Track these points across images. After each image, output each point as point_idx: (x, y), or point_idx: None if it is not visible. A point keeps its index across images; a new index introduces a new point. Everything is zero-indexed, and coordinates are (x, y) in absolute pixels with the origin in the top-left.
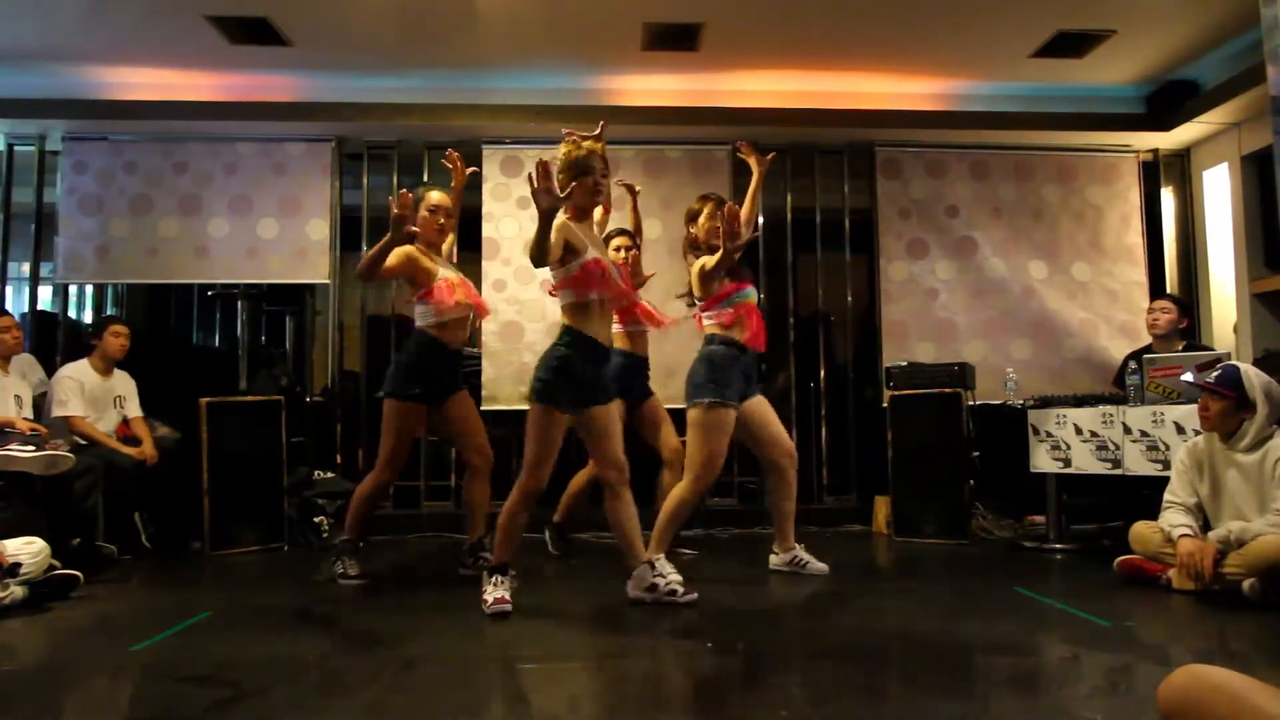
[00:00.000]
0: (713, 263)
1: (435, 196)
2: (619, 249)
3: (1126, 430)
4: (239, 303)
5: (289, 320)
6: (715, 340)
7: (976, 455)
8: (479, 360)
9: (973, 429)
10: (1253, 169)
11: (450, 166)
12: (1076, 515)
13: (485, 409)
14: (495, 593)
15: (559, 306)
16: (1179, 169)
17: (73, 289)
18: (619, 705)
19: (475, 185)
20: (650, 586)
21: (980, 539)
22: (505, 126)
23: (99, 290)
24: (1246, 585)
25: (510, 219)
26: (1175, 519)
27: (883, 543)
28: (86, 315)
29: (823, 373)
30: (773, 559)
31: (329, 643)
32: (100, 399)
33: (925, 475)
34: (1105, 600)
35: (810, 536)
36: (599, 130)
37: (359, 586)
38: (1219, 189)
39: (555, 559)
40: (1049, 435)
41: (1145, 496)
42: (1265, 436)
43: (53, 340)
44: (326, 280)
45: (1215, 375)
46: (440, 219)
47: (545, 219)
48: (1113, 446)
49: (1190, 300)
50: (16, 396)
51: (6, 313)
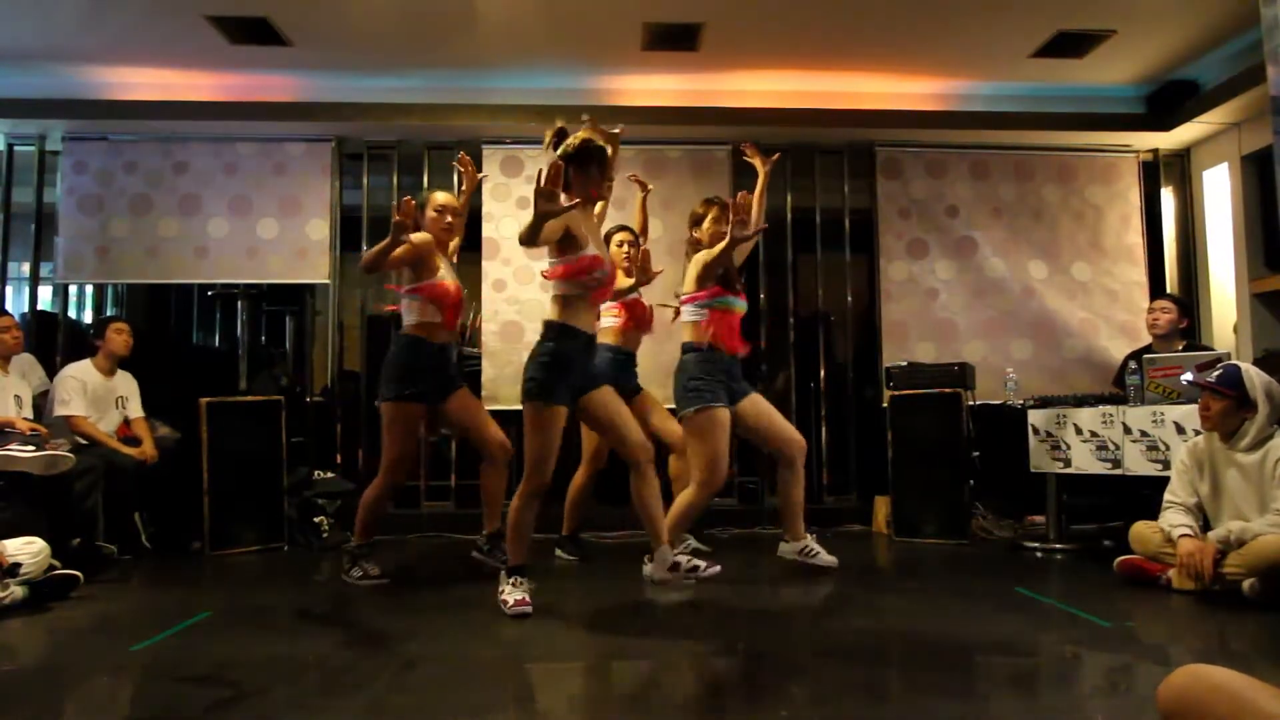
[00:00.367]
0: (717, 251)
1: (442, 197)
2: (621, 244)
3: (1126, 430)
4: (239, 303)
5: (289, 320)
6: (688, 348)
7: (976, 455)
8: (479, 360)
9: (973, 429)
10: (1253, 169)
11: (462, 170)
12: (1076, 515)
13: (486, 409)
14: (516, 594)
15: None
16: (1179, 169)
17: (73, 289)
18: (619, 705)
19: (475, 185)
20: (673, 566)
21: (980, 539)
22: (505, 126)
23: (99, 290)
24: (1246, 585)
25: (510, 219)
26: (1175, 519)
27: (883, 543)
28: (86, 315)
29: (823, 373)
30: (783, 547)
31: (329, 643)
32: (103, 399)
33: (925, 475)
34: (1105, 600)
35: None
36: (617, 130)
37: (375, 586)
38: (1219, 189)
39: (558, 559)
40: (1049, 435)
41: (1145, 496)
42: (1266, 436)
43: (53, 340)
44: (326, 280)
45: (1216, 375)
46: (447, 218)
47: (539, 219)
48: (1113, 446)
49: (1190, 300)
50: (16, 396)
51: (6, 313)
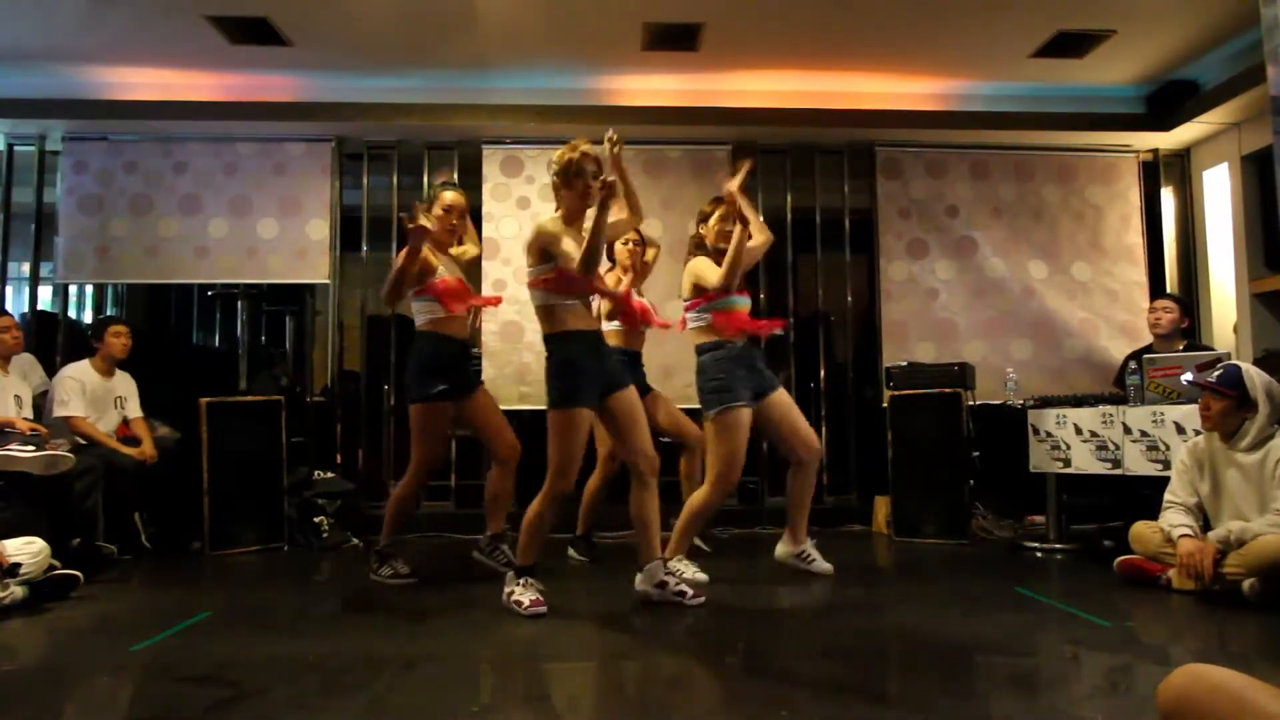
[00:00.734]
0: (712, 276)
1: (450, 197)
2: (626, 243)
3: (1126, 430)
4: (239, 303)
5: (289, 320)
6: (702, 349)
7: (976, 455)
8: (479, 360)
9: (973, 429)
10: (1253, 169)
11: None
12: (1076, 515)
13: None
14: (529, 594)
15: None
16: (1179, 169)
17: (73, 289)
18: (619, 705)
19: (475, 185)
20: (659, 584)
21: (980, 539)
22: (505, 126)
23: (99, 290)
24: (1246, 585)
25: (510, 219)
26: (1175, 519)
27: (883, 543)
28: (86, 315)
29: (823, 373)
30: (780, 549)
31: (329, 643)
32: (101, 399)
33: (925, 475)
34: (1105, 600)
35: (810, 537)
36: (612, 139)
37: (402, 585)
38: (1219, 189)
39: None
40: (1049, 435)
41: (1145, 496)
42: (1266, 436)
43: (53, 340)
44: (326, 280)
45: (1217, 374)
46: (453, 220)
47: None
48: (1113, 446)
49: (1190, 300)
50: (16, 396)
51: (6, 313)
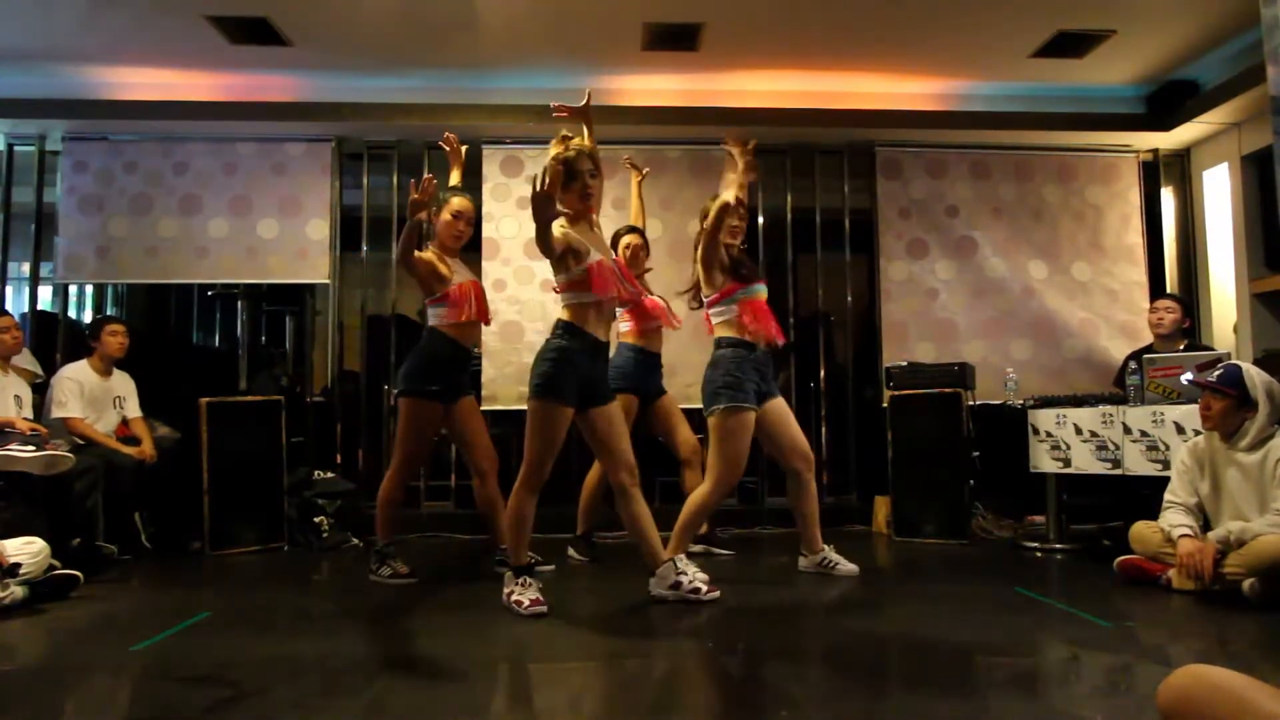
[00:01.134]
0: (704, 243)
1: (459, 203)
2: (628, 246)
3: (1126, 430)
4: (239, 303)
5: (289, 320)
6: (724, 343)
7: (976, 455)
8: (479, 360)
9: (973, 429)
10: (1253, 169)
11: (447, 149)
12: (1076, 515)
13: (485, 409)
14: (528, 594)
15: (561, 306)
16: (1179, 169)
17: (73, 289)
18: (619, 705)
19: (475, 185)
20: (674, 584)
21: (980, 539)
22: (505, 126)
23: (99, 290)
24: (1246, 585)
25: (510, 219)
26: (1175, 519)
27: (883, 543)
28: (86, 315)
29: (823, 373)
30: (801, 561)
31: (329, 643)
32: (100, 399)
33: (925, 475)
34: (1105, 600)
35: None
36: (585, 101)
37: (404, 586)
38: (1219, 189)
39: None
40: (1049, 435)
41: (1145, 496)
42: (1266, 436)
43: (53, 340)
44: (326, 280)
45: (1217, 374)
46: (461, 225)
47: (541, 227)
48: (1113, 446)
49: (1190, 300)
50: (16, 396)
51: (6, 313)
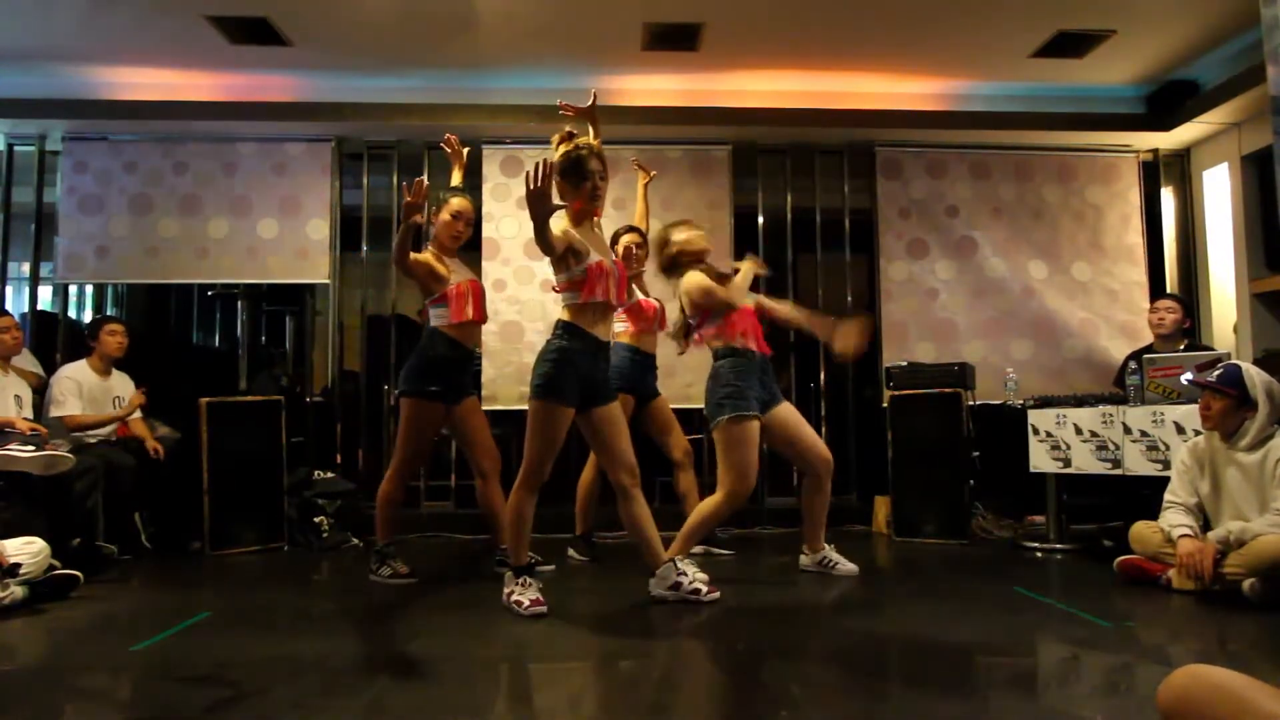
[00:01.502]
0: (723, 292)
1: (458, 203)
2: (626, 246)
3: (1126, 430)
4: (239, 303)
5: (289, 320)
6: (721, 354)
7: (976, 455)
8: (479, 360)
9: (973, 429)
10: (1253, 169)
11: (449, 150)
12: (1076, 515)
13: (485, 409)
14: (529, 594)
15: (560, 306)
16: (1179, 169)
17: (73, 289)
18: (619, 705)
19: (475, 185)
20: (674, 585)
21: (980, 539)
22: (505, 126)
23: (99, 290)
24: (1247, 585)
25: (510, 219)
26: (1175, 519)
27: (883, 543)
28: (86, 315)
29: (823, 373)
30: (803, 559)
31: (329, 643)
32: (99, 400)
33: (925, 475)
34: (1105, 600)
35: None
36: (591, 102)
37: (404, 586)
38: (1219, 189)
39: (570, 559)
40: (1049, 435)
41: (1145, 496)
42: (1266, 436)
43: (52, 340)
44: (326, 280)
45: (1217, 374)
46: (460, 226)
47: (538, 224)
48: (1113, 446)
49: (1191, 300)
50: (16, 396)
51: (6, 313)
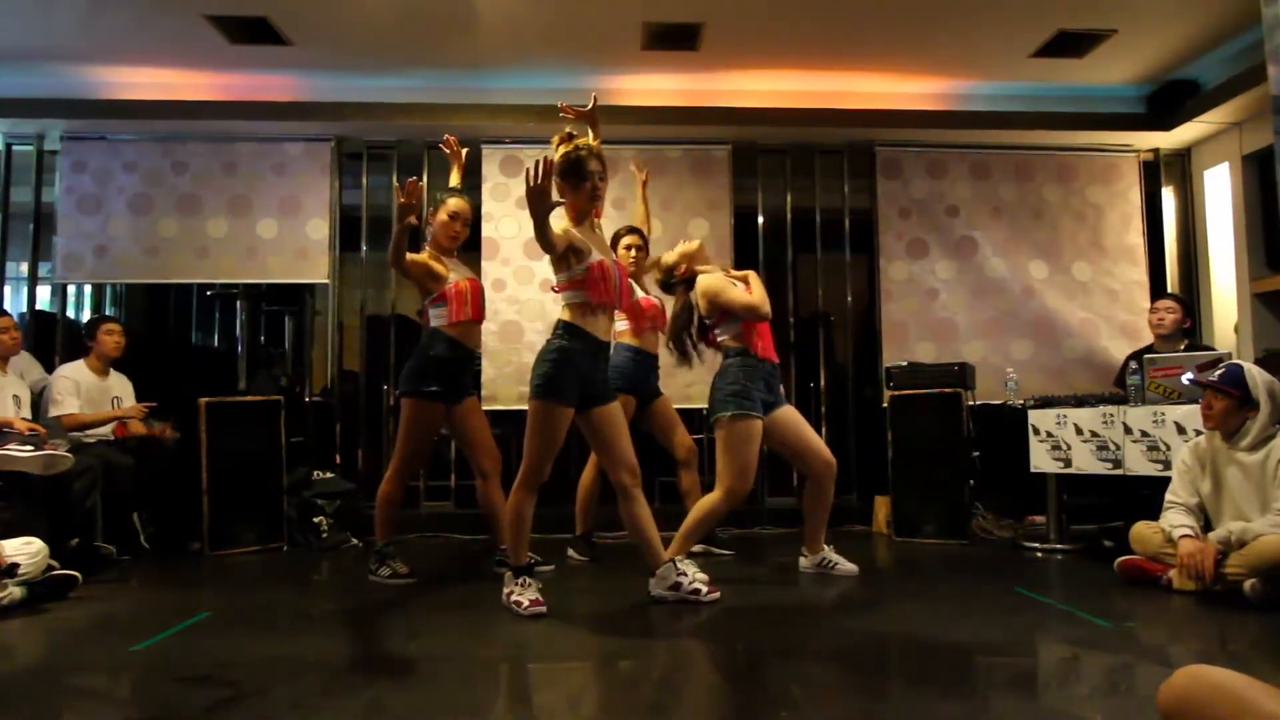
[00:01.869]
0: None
1: (456, 204)
2: (629, 248)
3: (1127, 430)
4: (238, 303)
5: (288, 320)
6: (731, 353)
7: (976, 455)
8: (479, 360)
9: (973, 429)
10: (1253, 169)
11: (448, 151)
12: (1076, 515)
13: (485, 409)
14: (528, 594)
15: (560, 306)
16: (1179, 169)
17: (71, 289)
18: (619, 705)
19: (475, 185)
20: (674, 585)
21: (980, 539)
22: (505, 126)
23: (98, 290)
24: (1247, 586)
25: (510, 219)
26: (1176, 519)
27: (883, 543)
28: (85, 315)
29: (823, 373)
30: (802, 561)
31: (329, 643)
32: (97, 400)
33: (925, 475)
34: (1105, 600)
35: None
36: (592, 105)
37: (403, 586)
38: (1220, 189)
39: (570, 560)
40: (1049, 435)
41: (1145, 496)
42: (1267, 436)
43: (51, 340)
44: (326, 280)
45: (1219, 373)
46: (457, 226)
47: (538, 222)
48: (1113, 446)
49: (1191, 300)
50: (15, 396)
51: (5, 313)
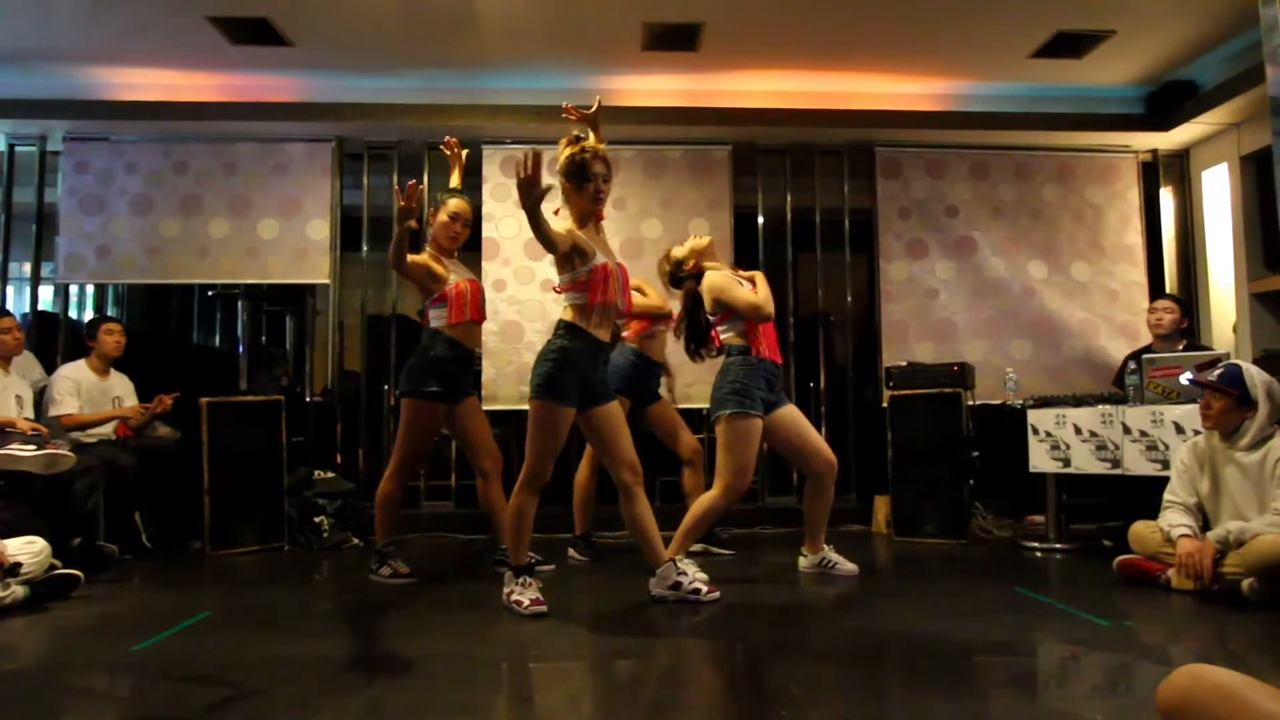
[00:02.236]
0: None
1: (456, 205)
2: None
3: (1126, 430)
4: (239, 303)
5: (289, 320)
6: (733, 351)
7: (976, 455)
8: (479, 360)
9: (972, 429)
10: (1252, 169)
11: (449, 153)
12: (1076, 515)
13: (485, 409)
14: (528, 594)
15: (561, 306)
16: (1178, 169)
17: (73, 289)
18: (619, 705)
19: (475, 185)
20: (674, 585)
21: (980, 539)
22: (505, 127)
23: (100, 290)
24: (1246, 585)
25: (510, 219)
26: (1175, 519)
27: (883, 543)
28: (87, 315)
29: (823, 373)
30: (802, 561)
31: (329, 643)
32: (98, 400)
33: (925, 475)
34: (1105, 600)
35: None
36: (595, 108)
37: (404, 586)
38: (1218, 189)
39: (570, 560)
40: (1049, 435)
41: (1145, 496)
42: (1266, 436)
43: (53, 341)
44: (327, 280)
45: (1218, 373)
46: (457, 227)
47: (531, 216)
48: (1112, 446)
49: (1190, 300)
50: (18, 396)
51: (8, 313)
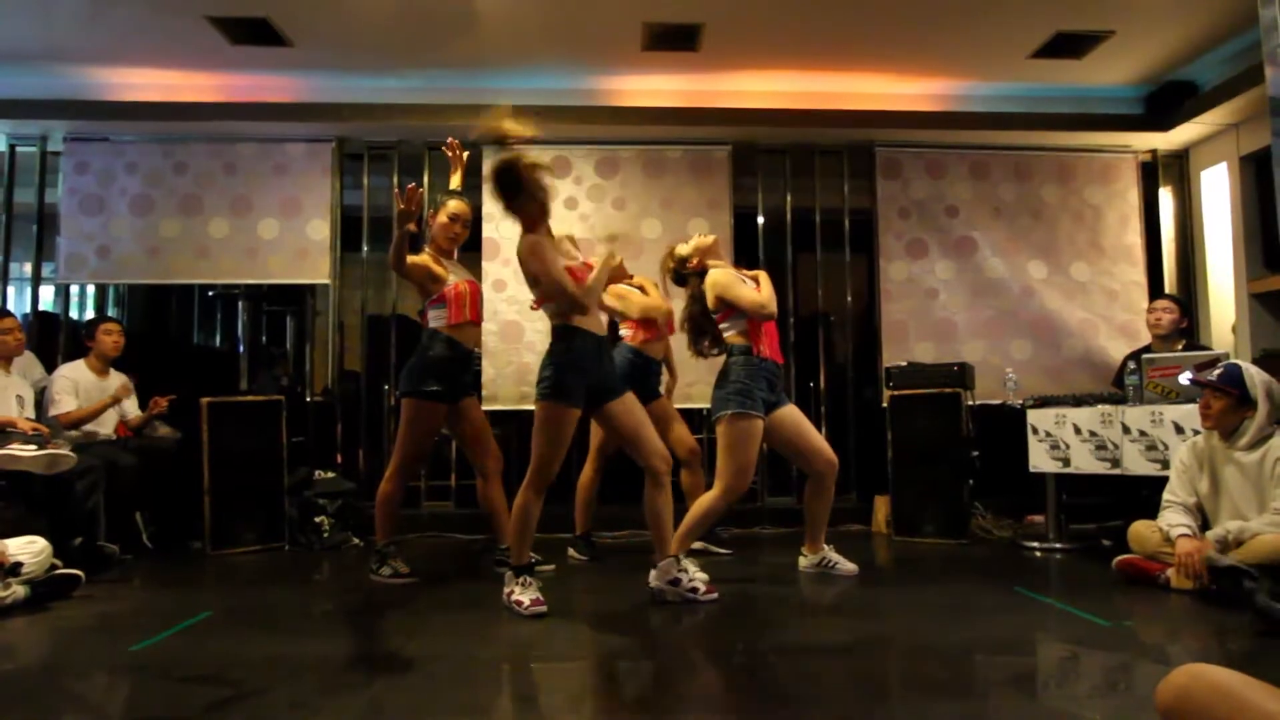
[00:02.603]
0: (762, 301)
1: (455, 206)
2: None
3: (1125, 430)
4: (239, 303)
5: (289, 320)
6: (735, 351)
7: (976, 455)
8: (479, 360)
9: (972, 429)
10: (1251, 169)
11: (450, 155)
12: (1076, 515)
13: (485, 409)
14: (529, 594)
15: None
16: (1178, 169)
17: (74, 289)
18: (618, 705)
19: (475, 185)
20: (673, 580)
21: (980, 539)
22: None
23: (100, 290)
24: (1245, 584)
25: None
26: (1174, 518)
27: (882, 543)
28: (88, 315)
29: (823, 373)
30: (802, 560)
31: (329, 643)
32: (96, 399)
33: (925, 475)
34: (1105, 600)
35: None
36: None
37: (404, 585)
38: (1218, 189)
39: (570, 559)
40: (1048, 435)
41: (1144, 496)
42: (1265, 435)
43: (54, 341)
44: (327, 280)
45: (1218, 373)
46: (457, 228)
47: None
48: (1112, 446)
49: (1189, 300)
50: (19, 396)
51: (9, 314)
